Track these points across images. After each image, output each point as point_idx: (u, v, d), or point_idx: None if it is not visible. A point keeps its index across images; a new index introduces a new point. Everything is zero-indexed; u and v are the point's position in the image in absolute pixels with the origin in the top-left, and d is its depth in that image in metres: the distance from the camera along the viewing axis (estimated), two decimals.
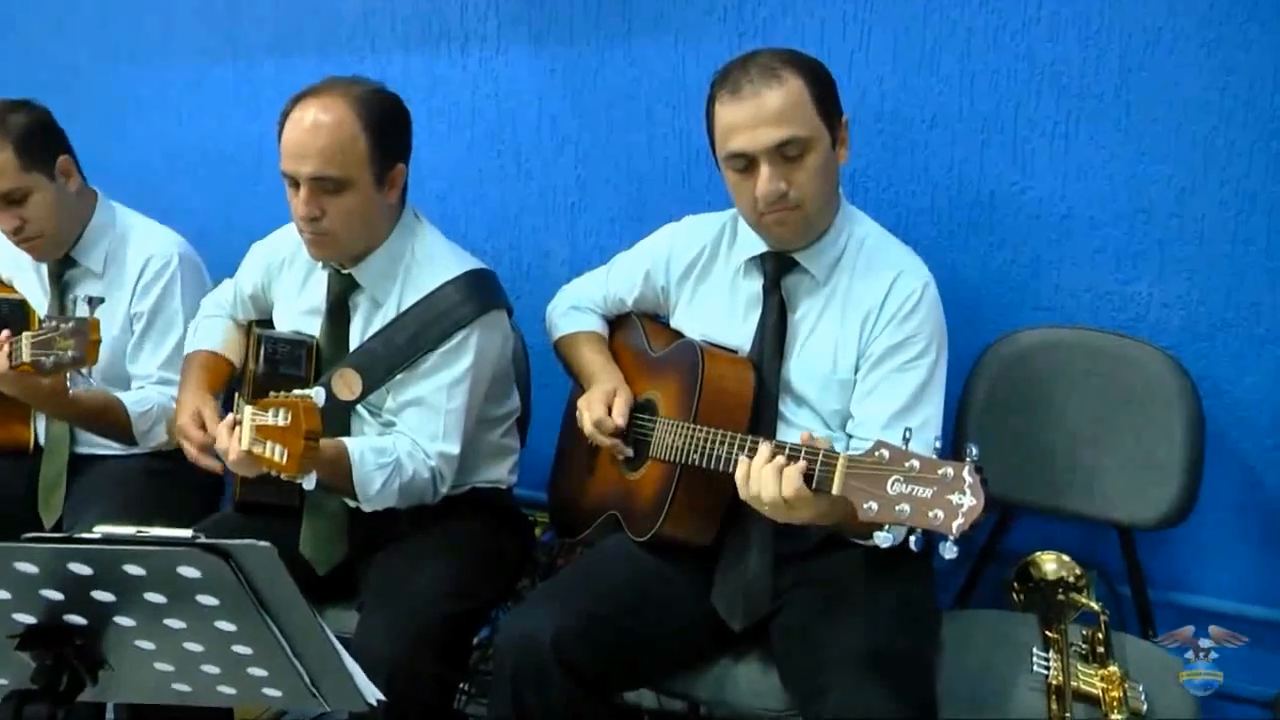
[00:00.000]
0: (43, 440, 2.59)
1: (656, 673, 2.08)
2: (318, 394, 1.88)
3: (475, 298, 2.20)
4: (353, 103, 2.09)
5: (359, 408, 2.24)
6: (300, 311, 2.33)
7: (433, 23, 2.85)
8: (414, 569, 2.16)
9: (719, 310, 2.18)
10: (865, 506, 1.54)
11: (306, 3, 3.01)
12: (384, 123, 2.13)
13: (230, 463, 1.99)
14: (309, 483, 1.91)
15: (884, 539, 1.54)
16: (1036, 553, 2.19)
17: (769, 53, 1.98)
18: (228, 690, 1.51)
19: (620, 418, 2.12)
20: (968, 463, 1.48)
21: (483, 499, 2.37)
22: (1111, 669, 1.95)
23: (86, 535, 1.34)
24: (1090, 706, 1.90)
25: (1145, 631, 2.26)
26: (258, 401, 1.94)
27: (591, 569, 2.14)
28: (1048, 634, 2.04)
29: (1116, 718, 1.86)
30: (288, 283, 2.37)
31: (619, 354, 2.34)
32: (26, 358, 2.16)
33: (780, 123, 1.91)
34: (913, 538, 1.51)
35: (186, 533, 1.32)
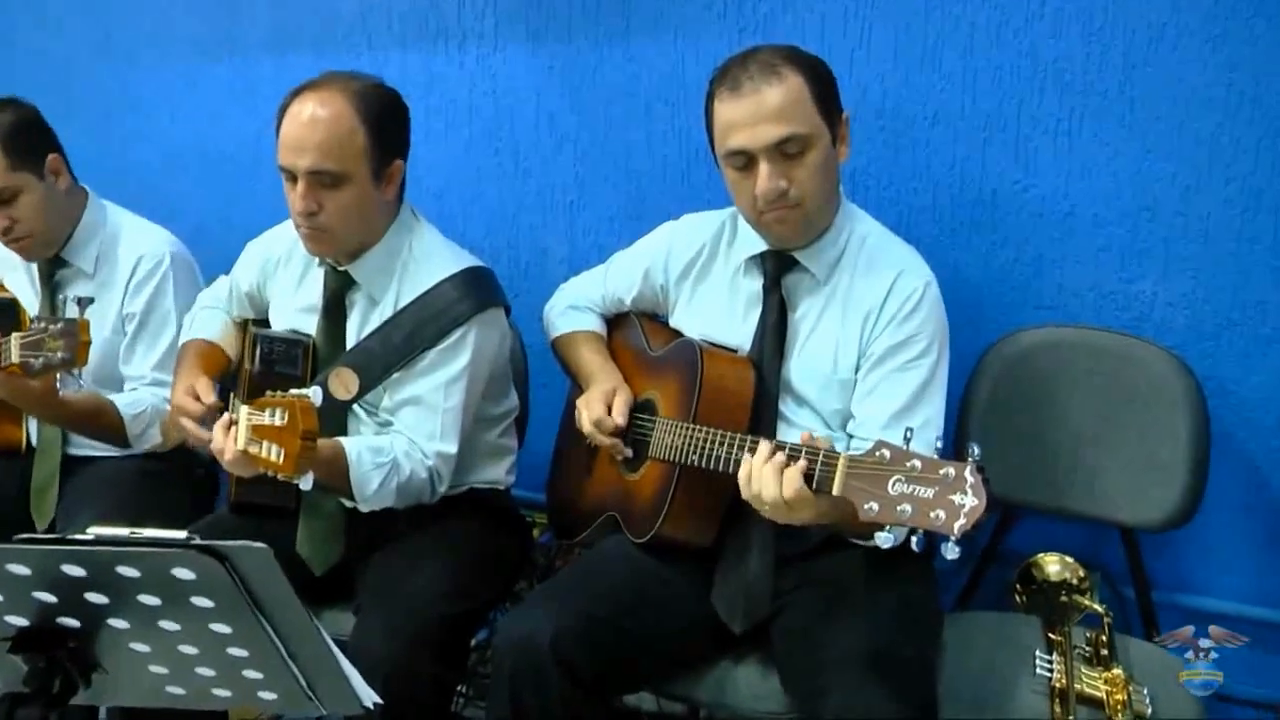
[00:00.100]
0: (35, 441, 2.57)
1: (656, 675, 2.07)
2: (314, 393, 1.87)
3: (473, 295, 2.19)
4: (351, 97, 2.09)
5: (355, 407, 2.23)
6: (297, 309, 2.32)
7: (430, 20, 2.84)
8: (411, 570, 2.15)
9: (718, 309, 2.17)
10: (866, 507, 1.53)
11: (304, 0, 3.00)
12: (383, 118, 2.12)
13: (226, 463, 1.97)
14: (306, 483, 1.91)
15: (885, 539, 1.53)
16: (1039, 554, 2.19)
17: (769, 49, 1.97)
18: (223, 693, 1.50)
19: (620, 417, 2.11)
20: (970, 462, 1.48)
21: (480, 499, 2.36)
22: (1115, 672, 1.94)
23: (79, 537, 1.33)
24: (1094, 710, 1.89)
25: (1149, 634, 2.24)
26: (254, 401, 1.93)
27: (590, 570, 2.13)
28: (1051, 636, 2.03)
29: None
30: (284, 281, 2.36)
31: (617, 353, 2.33)
32: (15, 358, 2.14)
33: (780, 120, 1.90)
34: (914, 538, 1.50)
35: (181, 534, 1.31)
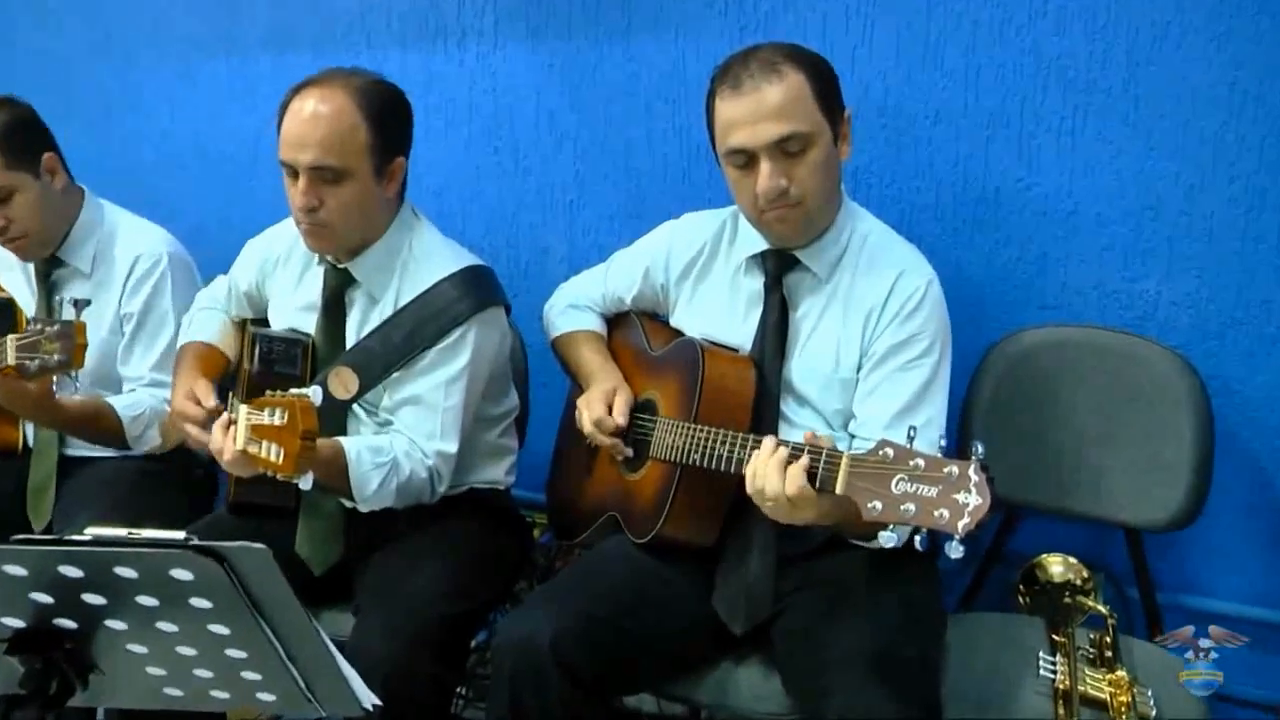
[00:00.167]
0: (31, 442, 2.56)
1: (656, 676, 2.06)
2: (314, 393, 1.86)
3: (473, 294, 2.19)
4: (354, 93, 2.08)
5: (355, 406, 2.22)
6: (296, 308, 2.31)
7: (430, 18, 2.84)
8: (411, 570, 2.15)
9: (719, 309, 2.16)
10: (869, 506, 1.53)
11: None
12: (385, 114, 2.12)
13: (225, 463, 1.97)
14: (305, 483, 1.90)
15: (888, 539, 1.53)
16: (1043, 555, 2.17)
17: (770, 47, 1.96)
18: (221, 695, 1.50)
19: (621, 417, 2.11)
20: (973, 461, 1.47)
21: (480, 499, 2.35)
22: (1119, 673, 1.93)
23: (77, 537, 1.33)
24: (1098, 711, 1.88)
25: (1153, 636, 2.22)
26: (253, 401, 1.93)
27: (591, 571, 2.12)
28: (1054, 637, 2.02)
29: None
30: (283, 279, 2.36)
31: (618, 353, 2.32)
32: (11, 360, 2.13)
33: (781, 118, 1.89)
34: (918, 538, 1.50)
35: (179, 534, 1.31)
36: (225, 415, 1.98)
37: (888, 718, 1.73)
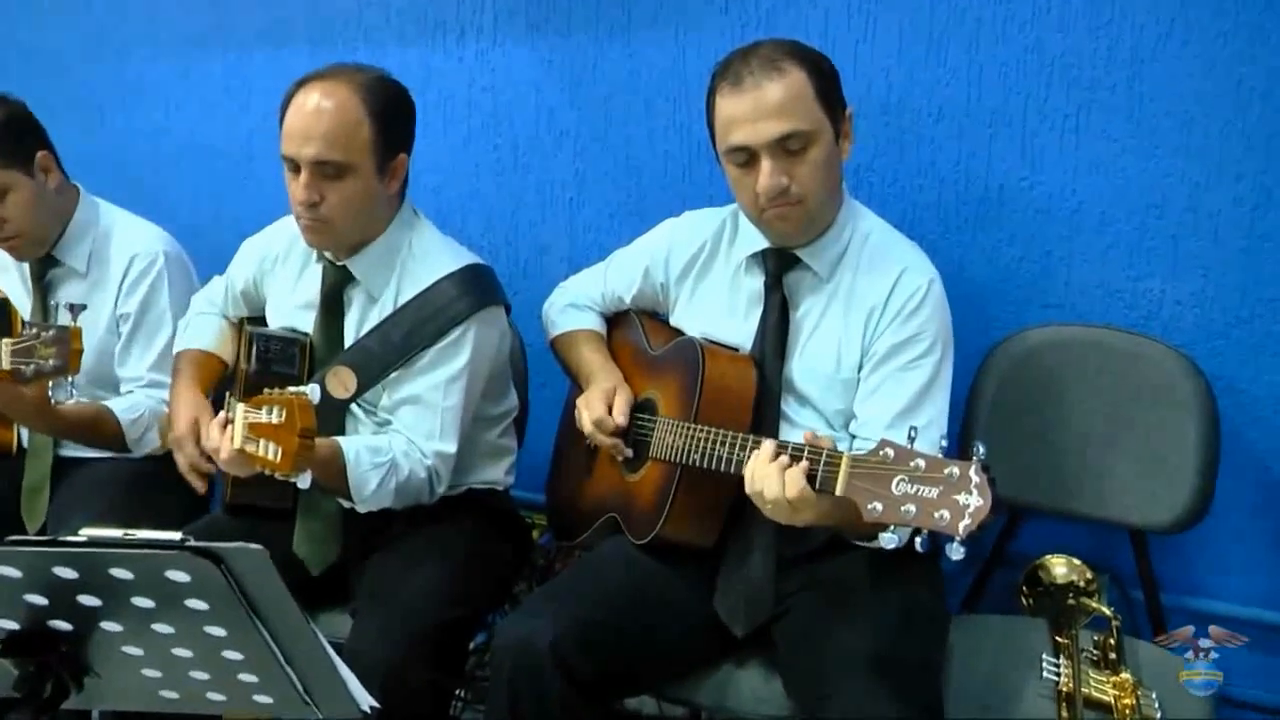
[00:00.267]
0: (26, 442, 2.54)
1: (657, 678, 2.06)
2: (312, 391, 1.85)
3: (472, 293, 2.18)
4: (357, 88, 2.08)
5: (353, 406, 2.21)
6: (295, 306, 2.30)
7: (428, 14, 2.83)
8: (409, 572, 2.14)
9: (719, 308, 2.15)
10: (870, 507, 1.52)
11: None
12: (388, 110, 2.11)
13: (222, 462, 1.96)
14: (304, 481, 1.90)
15: (889, 540, 1.52)
16: (1046, 556, 2.17)
17: (771, 44, 1.95)
18: (217, 697, 1.50)
19: (621, 417, 2.10)
20: (974, 461, 1.46)
21: (479, 500, 2.35)
22: (1124, 676, 1.93)
23: (72, 538, 1.32)
24: (1102, 714, 1.88)
25: (1158, 637, 2.22)
26: (251, 399, 1.92)
27: (590, 572, 2.11)
28: (1058, 639, 2.02)
29: None
30: (282, 278, 2.35)
31: (617, 353, 2.32)
32: (6, 365, 2.12)
33: (781, 116, 1.88)
34: (919, 539, 1.49)
35: (175, 535, 1.30)
36: (223, 414, 1.97)
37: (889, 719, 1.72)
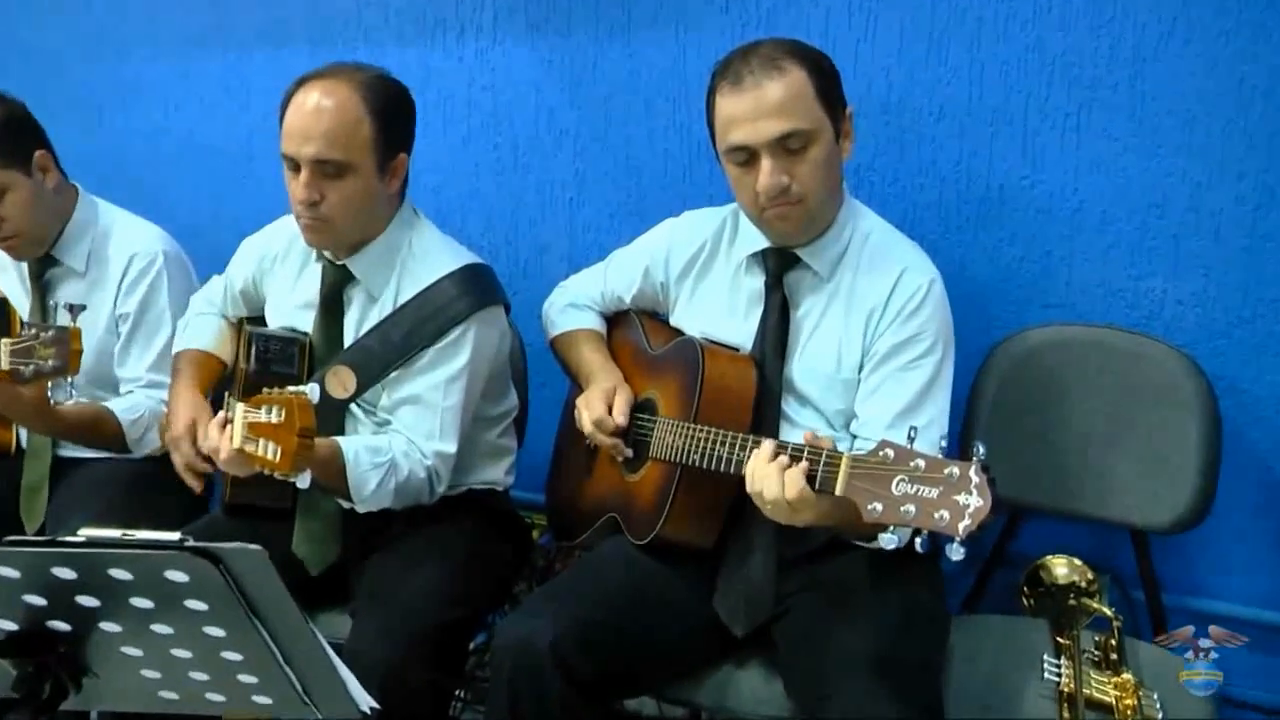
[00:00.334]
0: (25, 442, 2.54)
1: (657, 678, 2.05)
2: (312, 390, 1.85)
3: (472, 293, 2.17)
4: (358, 87, 2.07)
5: (353, 406, 2.21)
6: (294, 306, 2.30)
7: (428, 13, 2.82)
8: (408, 572, 2.13)
9: (720, 307, 2.15)
10: (869, 507, 1.52)
11: None
12: (389, 110, 2.11)
13: (221, 461, 1.96)
14: (303, 481, 1.90)
15: (889, 541, 1.52)
16: (1047, 556, 2.17)
17: (771, 43, 1.95)
18: (216, 698, 1.49)
19: (621, 417, 2.09)
20: (974, 462, 1.46)
21: (479, 500, 2.34)
22: (1125, 676, 1.93)
23: (70, 539, 1.32)
24: (1103, 714, 1.88)
25: (1158, 637, 2.22)
26: (250, 398, 1.91)
27: (590, 573, 2.11)
28: (1059, 640, 2.01)
29: None
30: (281, 277, 2.34)
31: (617, 352, 2.31)
32: (5, 365, 2.11)
33: (782, 115, 1.88)
34: (919, 539, 1.48)
35: (174, 536, 1.30)
36: (222, 414, 1.97)
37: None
